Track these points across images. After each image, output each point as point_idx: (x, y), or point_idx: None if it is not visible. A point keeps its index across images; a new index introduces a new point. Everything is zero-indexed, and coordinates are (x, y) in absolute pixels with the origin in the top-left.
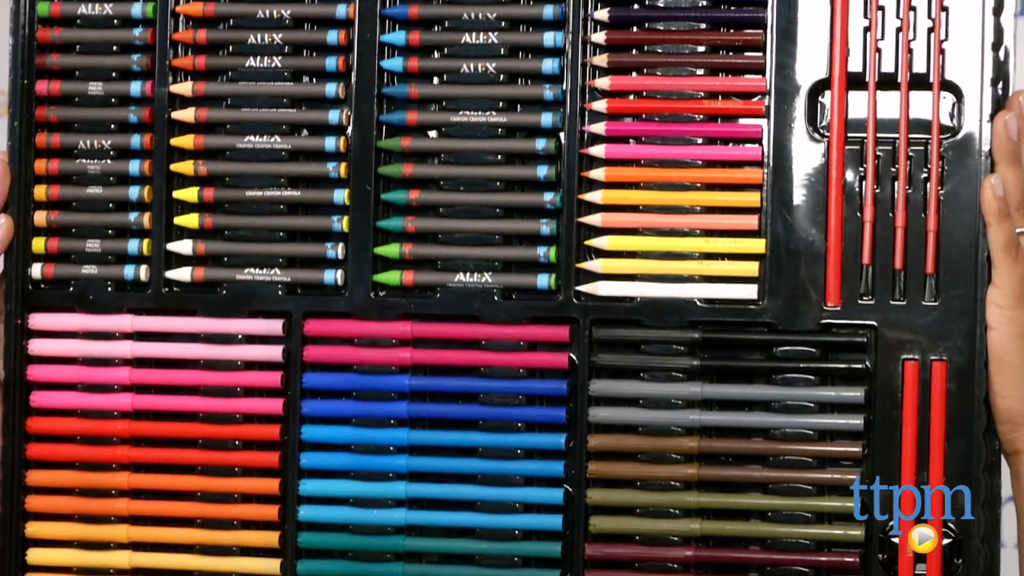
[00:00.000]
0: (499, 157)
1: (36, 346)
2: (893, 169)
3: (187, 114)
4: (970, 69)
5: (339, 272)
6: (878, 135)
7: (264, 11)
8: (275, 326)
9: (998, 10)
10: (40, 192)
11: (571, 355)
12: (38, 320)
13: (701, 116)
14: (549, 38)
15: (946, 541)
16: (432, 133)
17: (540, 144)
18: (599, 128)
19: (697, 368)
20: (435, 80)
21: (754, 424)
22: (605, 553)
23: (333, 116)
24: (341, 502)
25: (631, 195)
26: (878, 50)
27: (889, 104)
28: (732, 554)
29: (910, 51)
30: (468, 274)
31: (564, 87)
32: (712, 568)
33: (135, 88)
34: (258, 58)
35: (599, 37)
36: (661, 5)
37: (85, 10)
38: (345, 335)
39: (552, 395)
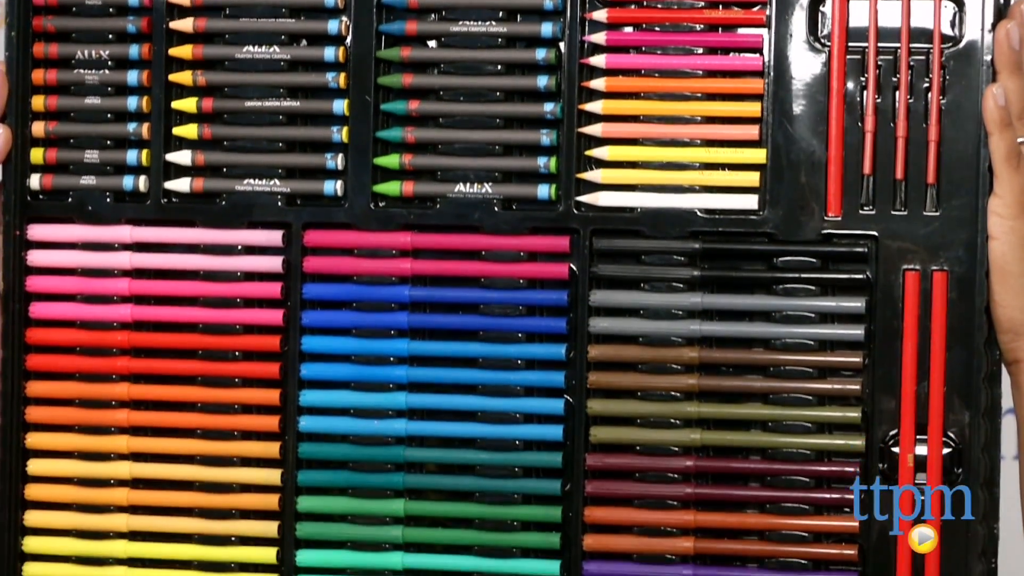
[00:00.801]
0: (499, 67)
1: (35, 257)
2: (894, 79)
3: (186, 24)
4: None
5: (339, 183)
6: (879, 44)
7: None
8: (275, 237)
9: None
10: (38, 103)
11: (571, 265)
12: (37, 231)
13: (702, 26)
14: None
15: (946, 451)
16: (431, 43)
17: (540, 54)
18: (599, 38)
19: (697, 278)
20: None
21: (754, 334)
22: (605, 463)
23: (332, 26)
24: (341, 413)
25: (631, 105)
26: None
27: (890, 13)
28: (732, 464)
29: None
30: (468, 184)
31: None
32: (712, 478)
33: None
34: None
35: None
36: None
37: None
38: (345, 246)
39: (552, 305)
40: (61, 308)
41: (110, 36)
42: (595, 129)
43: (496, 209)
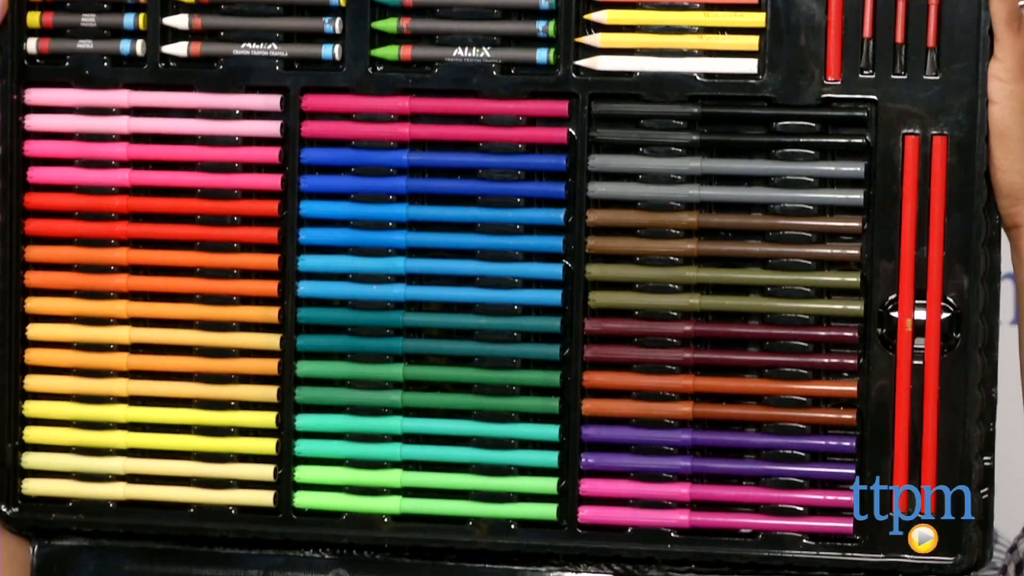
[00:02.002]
0: None
1: (33, 122)
2: None
3: None
4: None
5: (336, 47)
6: None
7: None
8: (272, 101)
9: None
10: None
11: (570, 130)
12: (34, 95)
13: None
14: None
15: (945, 315)
16: None
17: None
18: None
19: (696, 143)
20: None
21: (753, 199)
22: (604, 328)
23: None
24: (340, 278)
25: None
26: None
27: None
28: (731, 329)
29: None
30: (466, 48)
31: None
32: (711, 343)
33: None
34: None
35: None
36: None
37: None
38: (343, 110)
39: (551, 170)
40: (59, 173)
41: None
42: None
43: (494, 73)
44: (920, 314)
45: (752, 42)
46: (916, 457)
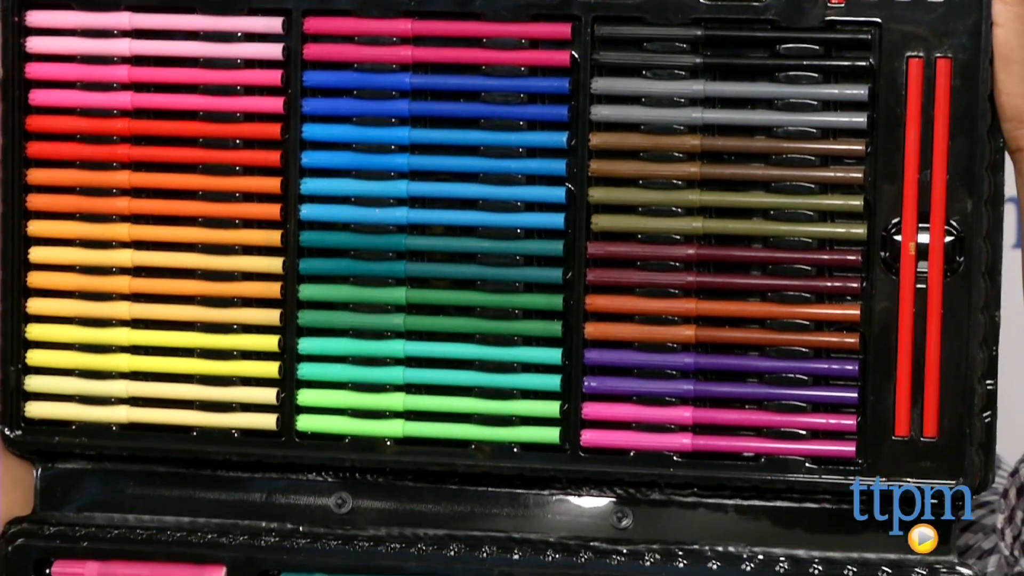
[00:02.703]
0: None
1: (34, 44)
2: None
3: None
4: None
5: None
6: None
7: None
8: (274, 24)
9: None
10: None
11: (572, 53)
12: (35, 17)
13: None
14: None
15: (948, 239)
16: None
17: None
18: None
19: (700, 66)
20: None
21: (757, 122)
22: (607, 251)
23: None
24: (343, 201)
25: None
26: None
27: None
28: (734, 252)
29: None
30: None
31: None
32: (714, 266)
33: None
34: None
35: None
36: None
37: None
38: (345, 33)
39: (553, 93)
40: (61, 96)
41: None
42: None
43: None
44: (923, 238)
45: None
46: (919, 381)
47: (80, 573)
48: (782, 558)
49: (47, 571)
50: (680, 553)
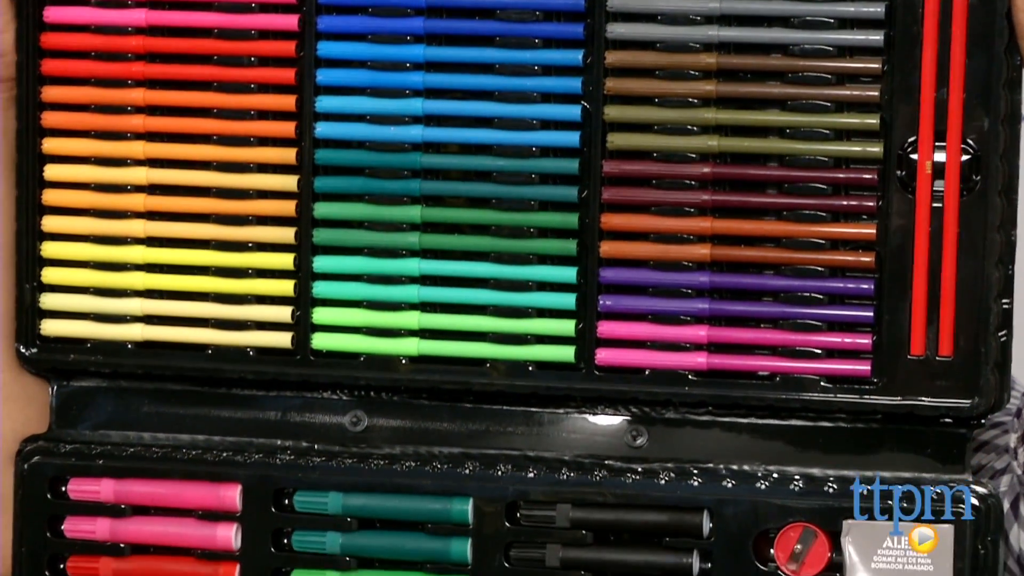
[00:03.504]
0: None
1: None
2: None
3: None
4: None
5: None
6: None
7: None
8: None
9: None
10: None
11: None
12: None
13: None
14: None
15: (965, 157)
16: None
17: None
18: None
19: None
20: None
21: (773, 40)
22: (622, 170)
23: None
24: (358, 119)
25: None
26: None
27: None
28: (749, 171)
29: None
30: None
31: None
32: (729, 185)
33: None
34: None
35: None
36: None
37: None
38: None
39: (569, 10)
40: (75, 13)
41: None
42: None
43: None
44: (939, 156)
45: None
46: (934, 300)
47: (96, 491)
48: (797, 476)
49: (63, 489)
50: (695, 471)
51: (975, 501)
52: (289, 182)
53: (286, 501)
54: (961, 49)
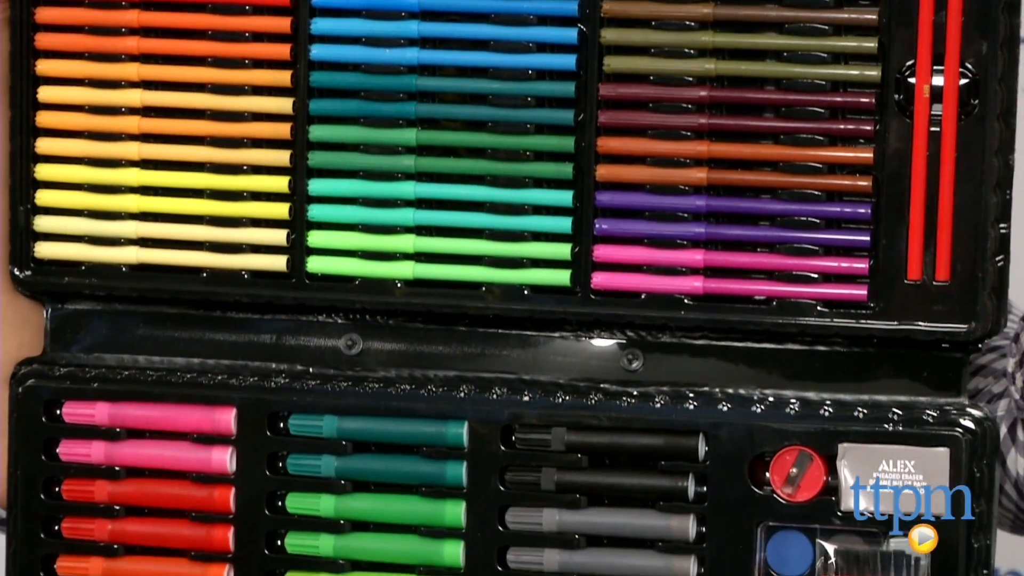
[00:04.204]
0: None
1: None
2: None
3: None
4: None
5: None
6: None
7: None
8: None
9: None
10: None
11: None
12: None
13: None
14: None
15: (963, 81)
16: None
17: None
18: None
19: None
20: None
21: None
22: (619, 93)
23: None
24: (353, 41)
25: None
26: None
27: None
28: (747, 94)
29: None
30: None
31: None
32: (726, 108)
33: None
34: None
35: None
36: None
37: None
38: None
39: None
40: None
41: None
42: None
43: None
44: (937, 80)
45: None
46: (931, 224)
47: (91, 414)
48: (793, 400)
49: (57, 412)
50: (690, 395)
51: (971, 424)
52: (284, 104)
53: (281, 425)
54: None
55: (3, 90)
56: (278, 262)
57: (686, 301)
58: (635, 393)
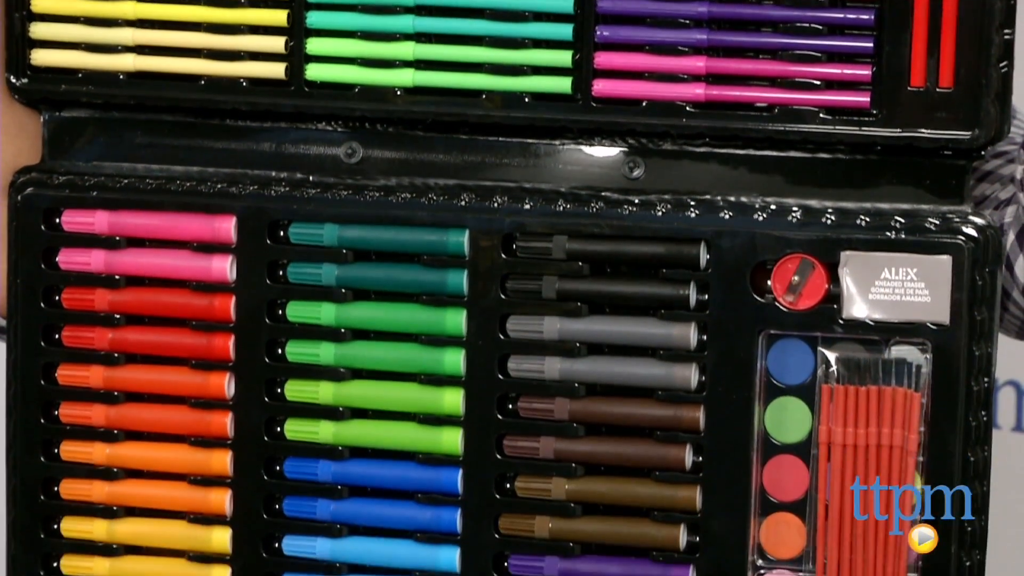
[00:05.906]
0: None
1: None
2: None
3: None
4: None
5: None
6: None
7: None
8: None
9: None
10: None
11: None
12: None
13: None
14: None
15: None
16: None
17: None
18: None
19: None
20: None
21: None
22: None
23: None
24: None
25: None
26: None
27: None
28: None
29: None
30: None
31: None
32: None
33: None
34: None
35: None
36: None
37: None
38: None
39: None
40: None
41: None
42: None
43: None
44: None
45: None
46: (935, 30)
47: (90, 223)
48: (795, 208)
49: (56, 220)
50: (692, 203)
51: (973, 232)
52: None
53: (281, 233)
54: None
55: None
56: (276, 69)
57: (688, 108)
58: (636, 201)
